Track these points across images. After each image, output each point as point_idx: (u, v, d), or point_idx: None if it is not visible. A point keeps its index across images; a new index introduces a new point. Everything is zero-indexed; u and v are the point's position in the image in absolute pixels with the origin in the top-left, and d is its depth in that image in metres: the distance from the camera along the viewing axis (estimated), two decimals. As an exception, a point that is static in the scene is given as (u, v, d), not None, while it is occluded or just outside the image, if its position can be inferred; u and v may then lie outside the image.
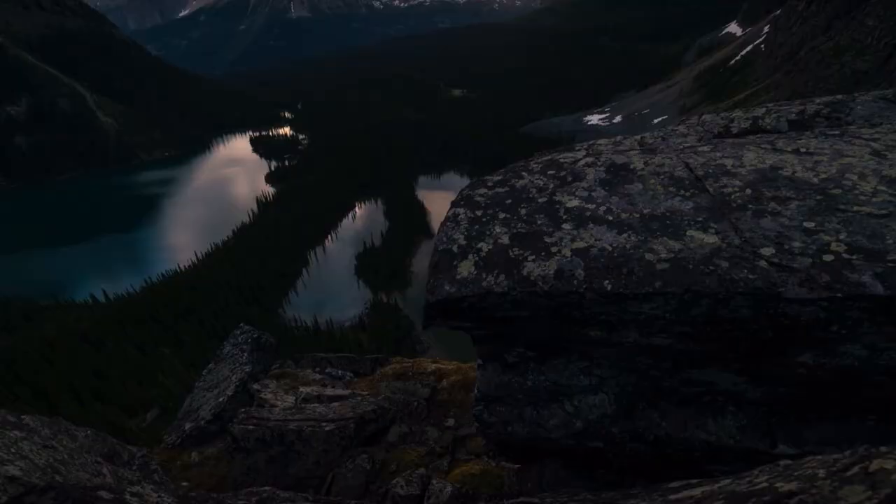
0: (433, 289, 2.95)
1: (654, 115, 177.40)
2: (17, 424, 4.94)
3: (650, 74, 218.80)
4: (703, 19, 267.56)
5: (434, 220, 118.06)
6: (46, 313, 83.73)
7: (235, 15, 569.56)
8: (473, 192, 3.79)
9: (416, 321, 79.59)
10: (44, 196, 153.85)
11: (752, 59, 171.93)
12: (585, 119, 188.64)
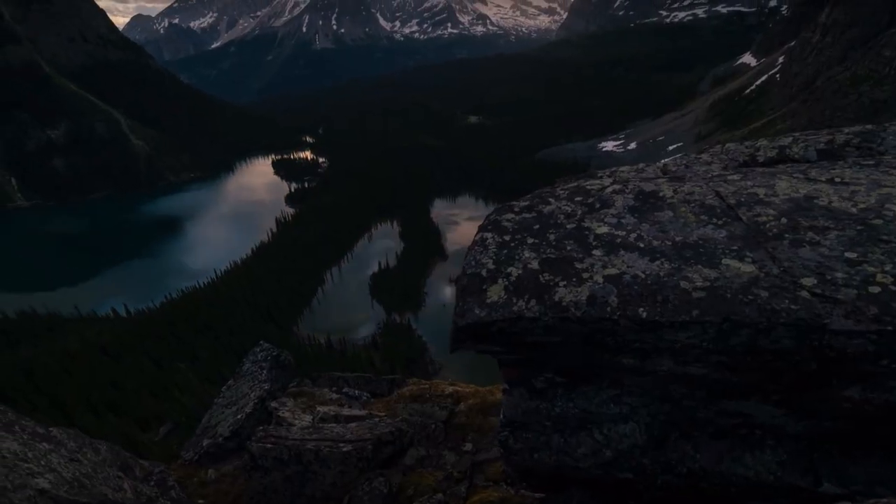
0: (463, 312, 2.92)
1: (670, 143, 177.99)
2: (46, 436, 4.94)
3: (664, 103, 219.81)
4: (717, 51, 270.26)
5: (448, 243, 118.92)
6: (69, 326, 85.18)
7: (263, 46, 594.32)
8: (500, 217, 3.79)
9: (430, 342, 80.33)
10: (76, 214, 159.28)
11: (767, 88, 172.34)
12: (600, 146, 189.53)
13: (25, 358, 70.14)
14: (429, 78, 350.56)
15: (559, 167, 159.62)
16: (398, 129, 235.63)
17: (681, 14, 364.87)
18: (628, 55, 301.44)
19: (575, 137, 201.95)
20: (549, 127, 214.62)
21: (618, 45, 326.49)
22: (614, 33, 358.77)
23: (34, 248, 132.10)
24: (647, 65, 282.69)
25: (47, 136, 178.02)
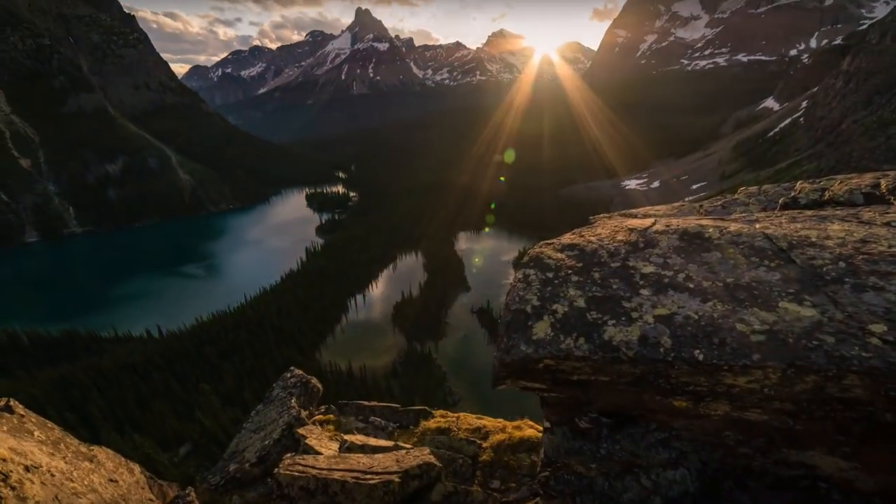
0: (508, 348, 2.86)
1: (693, 182, 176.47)
2: (88, 456, 5.00)
3: (687, 144, 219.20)
4: (738, 96, 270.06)
5: (471, 275, 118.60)
6: (105, 345, 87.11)
7: (305, 92, 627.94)
8: (542, 253, 3.76)
9: (449, 371, 79.61)
10: (122, 240, 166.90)
11: (791, 130, 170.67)
12: (623, 184, 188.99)
13: (62, 375, 71.46)
14: (457, 120, 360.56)
15: (582, 204, 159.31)
16: (425, 166, 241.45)
17: (702, 63, 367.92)
18: (651, 100, 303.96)
19: (597, 176, 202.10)
20: (572, 165, 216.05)
21: (641, 90, 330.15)
22: (638, 80, 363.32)
23: (81, 271, 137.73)
24: (670, 108, 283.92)
25: (105, 170, 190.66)
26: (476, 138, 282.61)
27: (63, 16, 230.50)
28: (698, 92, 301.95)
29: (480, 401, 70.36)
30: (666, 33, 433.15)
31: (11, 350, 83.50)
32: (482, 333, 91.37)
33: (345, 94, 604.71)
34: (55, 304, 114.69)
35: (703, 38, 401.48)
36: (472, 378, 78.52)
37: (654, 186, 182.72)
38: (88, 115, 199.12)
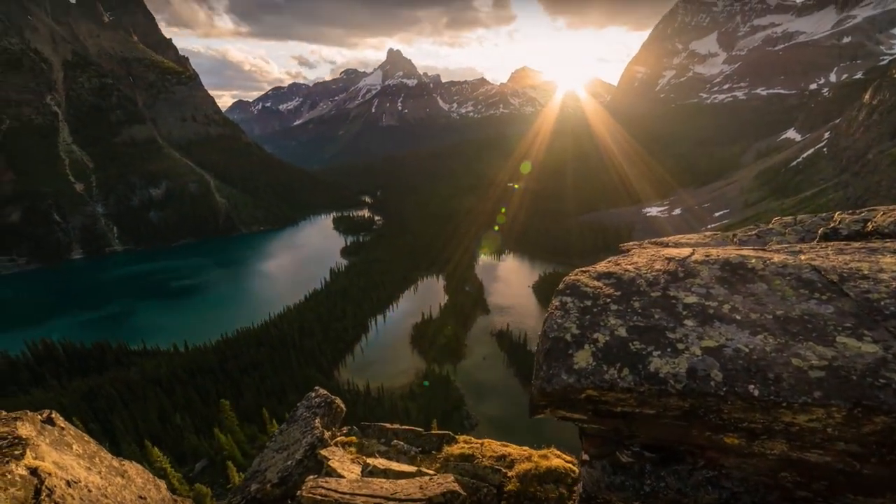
0: (549, 377, 2.74)
1: (715, 209, 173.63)
2: (120, 470, 4.98)
3: (708, 174, 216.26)
4: (758, 127, 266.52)
5: (491, 299, 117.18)
6: (134, 357, 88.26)
7: (337, 123, 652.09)
8: (578, 281, 3.67)
9: (467, 394, 77.67)
10: (158, 258, 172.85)
11: (814, 160, 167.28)
12: (644, 211, 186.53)
13: (91, 386, 72.41)
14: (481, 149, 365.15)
15: (605, 230, 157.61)
16: (449, 193, 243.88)
17: (721, 96, 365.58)
18: (671, 131, 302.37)
19: (619, 203, 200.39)
20: (593, 193, 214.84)
21: (661, 122, 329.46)
22: (658, 112, 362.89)
23: (118, 286, 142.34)
24: (690, 139, 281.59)
25: (149, 193, 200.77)
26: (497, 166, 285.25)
27: (126, 59, 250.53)
28: (717, 124, 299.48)
29: (499, 425, 69.36)
30: (684, 69, 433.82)
31: (48, 360, 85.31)
32: (501, 357, 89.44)
33: (374, 125, 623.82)
34: (91, 317, 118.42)
35: (721, 74, 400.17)
36: (491, 402, 76.57)
37: (676, 213, 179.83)
38: (139, 145, 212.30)
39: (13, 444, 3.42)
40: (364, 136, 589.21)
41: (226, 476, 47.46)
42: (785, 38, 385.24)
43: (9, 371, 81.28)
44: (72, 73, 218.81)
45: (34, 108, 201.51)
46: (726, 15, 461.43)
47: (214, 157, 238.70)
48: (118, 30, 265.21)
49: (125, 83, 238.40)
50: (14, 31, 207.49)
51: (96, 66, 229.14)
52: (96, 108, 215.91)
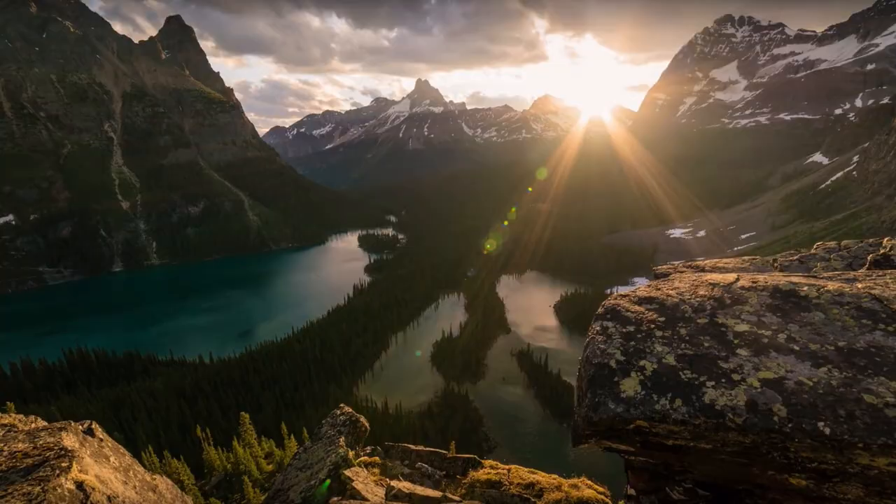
0: (595, 405, 2.57)
1: (741, 231, 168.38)
2: (151, 486, 4.93)
3: (732, 196, 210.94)
4: (782, 151, 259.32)
5: (512, 318, 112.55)
6: (161, 367, 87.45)
7: (366, 147, 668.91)
8: (618, 305, 3.52)
9: (486, 415, 74.02)
10: (192, 272, 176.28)
11: (844, 184, 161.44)
12: (668, 232, 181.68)
13: (118, 395, 71.88)
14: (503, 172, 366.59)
15: (629, 251, 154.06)
16: (471, 213, 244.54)
17: (743, 121, 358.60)
18: (693, 154, 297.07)
19: (642, 224, 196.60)
20: (616, 214, 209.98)
21: (683, 146, 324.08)
22: (680, 136, 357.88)
23: (152, 298, 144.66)
24: (713, 162, 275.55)
25: (188, 211, 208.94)
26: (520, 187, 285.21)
27: (177, 90, 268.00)
28: (741, 147, 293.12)
29: (518, 449, 66.02)
30: (705, 96, 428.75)
31: (81, 368, 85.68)
32: (522, 377, 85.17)
33: (401, 149, 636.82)
34: (125, 326, 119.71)
35: (742, 100, 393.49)
36: (510, 424, 72.64)
37: (701, 235, 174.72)
38: (182, 166, 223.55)
39: (60, 455, 3.37)
40: (391, 159, 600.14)
41: (241, 491, 45.76)
42: (806, 66, 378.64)
43: (44, 378, 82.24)
44: (129, 103, 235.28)
45: (93, 134, 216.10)
46: (745, 45, 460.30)
47: (250, 177, 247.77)
48: (173, 65, 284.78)
49: (175, 111, 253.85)
50: (84, 68, 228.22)
51: (151, 96, 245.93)
52: (147, 133, 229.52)
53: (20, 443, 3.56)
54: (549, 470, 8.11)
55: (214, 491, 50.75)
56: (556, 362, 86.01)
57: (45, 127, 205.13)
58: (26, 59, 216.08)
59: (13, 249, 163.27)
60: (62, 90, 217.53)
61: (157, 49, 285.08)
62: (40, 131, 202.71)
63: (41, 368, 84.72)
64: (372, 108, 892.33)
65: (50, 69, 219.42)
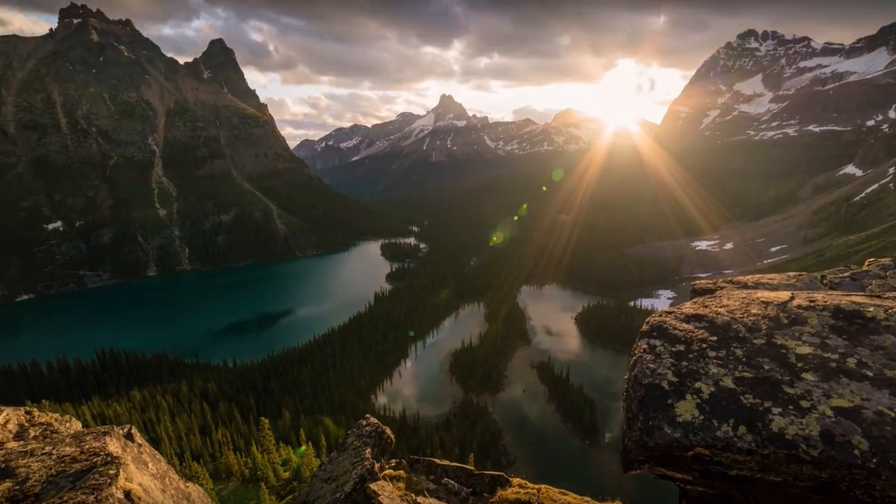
0: (650, 429, 2.38)
1: (771, 244, 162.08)
2: (185, 494, 4.89)
3: (760, 208, 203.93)
4: (812, 163, 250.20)
5: (532, 329, 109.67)
6: (186, 370, 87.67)
7: (390, 159, 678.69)
8: (665, 322, 3.35)
9: (505, 428, 71.68)
10: (220, 277, 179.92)
11: (880, 196, 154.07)
12: (693, 244, 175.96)
13: (144, 396, 72.08)
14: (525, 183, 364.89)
15: (651, 262, 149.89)
16: (493, 223, 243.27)
17: (770, 133, 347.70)
18: (718, 166, 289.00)
19: (666, 236, 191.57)
20: (639, 225, 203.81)
21: (708, 158, 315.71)
22: (704, 148, 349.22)
23: (183, 302, 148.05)
24: (739, 174, 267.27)
25: (220, 219, 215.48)
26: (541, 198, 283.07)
27: (216, 106, 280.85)
28: (767, 159, 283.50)
29: (540, 464, 63.40)
30: (729, 108, 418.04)
31: (112, 368, 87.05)
32: (542, 390, 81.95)
33: (424, 161, 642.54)
34: (155, 329, 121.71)
35: (768, 112, 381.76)
36: (530, 438, 69.75)
37: (728, 248, 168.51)
38: (216, 177, 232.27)
39: (107, 462, 3.33)
40: (414, 170, 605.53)
41: (257, 497, 45.45)
42: (835, 78, 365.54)
43: (77, 376, 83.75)
44: (172, 118, 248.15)
45: (138, 147, 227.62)
46: (770, 59, 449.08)
47: (279, 187, 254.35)
48: (213, 83, 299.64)
49: (212, 126, 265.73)
50: (133, 88, 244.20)
51: (192, 112, 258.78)
52: (186, 146, 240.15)
53: (67, 446, 3.55)
54: (574, 489, 7.79)
55: (231, 496, 50.18)
56: (577, 375, 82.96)
57: (95, 141, 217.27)
58: (84, 80, 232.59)
59: (59, 254, 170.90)
60: (113, 107, 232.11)
61: (200, 69, 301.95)
62: (91, 145, 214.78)
63: (75, 367, 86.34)
64: (398, 122, 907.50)
65: (103, 88, 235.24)
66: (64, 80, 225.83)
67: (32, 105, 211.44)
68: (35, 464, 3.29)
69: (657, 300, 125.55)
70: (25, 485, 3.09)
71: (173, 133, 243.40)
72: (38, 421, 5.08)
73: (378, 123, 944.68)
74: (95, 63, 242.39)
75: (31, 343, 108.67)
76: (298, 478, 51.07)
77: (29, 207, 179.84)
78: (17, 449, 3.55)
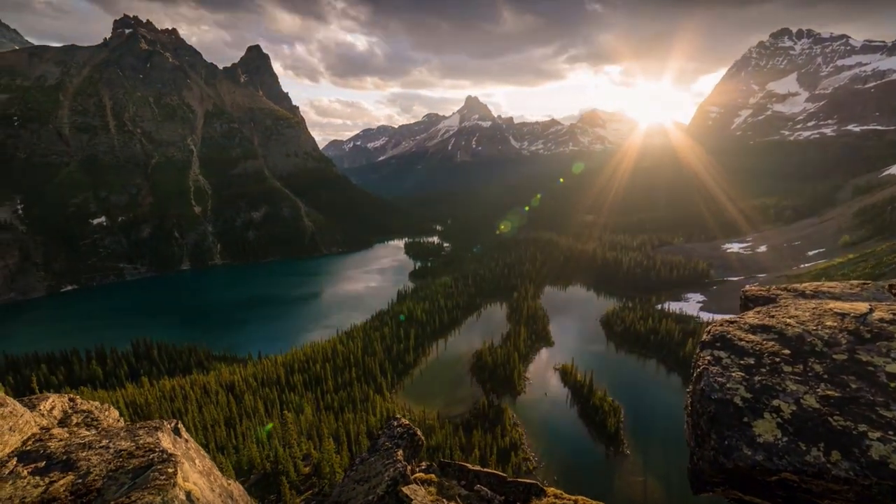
0: (726, 450, 2.20)
1: (808, 248, 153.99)
2: (228, 491, 4.81)
3: (796, 210, 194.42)
4: (851, 163, 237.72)
5: (555, 330, 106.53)
6: (214, 363, 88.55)
7: (416, 159, 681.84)
8: (728, 333, 3.12)
9: (527, 432, 68.89)
10: (249, 272, 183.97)
11: None
12: (724, 246, 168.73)
13: (173, 386, 73.00)
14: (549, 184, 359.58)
15: (681, 264, 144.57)
16: (516, 223, 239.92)
17: (805, 133, 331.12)
18: (751, 167, 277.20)
19: (695, 237, 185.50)
20: (665, 226, 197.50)
21: (740, 158, 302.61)
22: (735, 148, 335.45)
23: (214, 295, 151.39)
24: (773, 175, 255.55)
25: (251, 216, 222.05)
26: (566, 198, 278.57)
27: (251, 108, 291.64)
28: (803, 160, 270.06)
29: (563, 471, 60.76)
30: (762, 108, 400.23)
31: (146, 358, 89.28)
32: (565, 394, 78.91)
33: (450, 161, 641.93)
34: (187, 320, 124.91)
35: (804, 111, 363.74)
36: (553, 444, 66.75)
37: (762, 251, 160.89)
38: (249, 176, 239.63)
39: (164, 459, 3.30)
40: (440, 170, 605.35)
41: (278, 492, 46.13)
42: (876, 76, 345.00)
43: (113, 365, 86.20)
44: (209, 120, 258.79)
45: (178, 147, 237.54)
46: (805, 57, 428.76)
47: (308, 186, 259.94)
48: (249, 87, 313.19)
49: (247, 127, 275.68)
50: (175, 92, 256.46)
51: (228, 114, 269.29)
52: (222, 147, 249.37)
53: (122, 440, 3.59)
54: (602, 499, 7.46)
55: (253, 489, 50.87)
56: (602, 380, 79.91)
57: (139, 141, 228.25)
58: (132, 84, 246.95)
59: (101, 247, 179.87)
60: (156, 110, 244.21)
61: (238, 74, 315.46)
62: (135, 145, 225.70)
63: (112, 356, 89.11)
64: (424, 122, 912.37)
65: (149, 92, 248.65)
66: (114, 86, 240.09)
67: (85, 109, 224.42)
68: (94, 457, 3.32)
69: (686, 303, 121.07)
70: (87, 478, 3.11)
71: (210, 134, 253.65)
72: (80, 408, 5.16)
73: (405, 124, 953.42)
74: (143, 69, 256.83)
75: (72, 332, 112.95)
76: (318, 473, 51.66)
77: (77, 204, 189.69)
78: (76, 441, 3.58)
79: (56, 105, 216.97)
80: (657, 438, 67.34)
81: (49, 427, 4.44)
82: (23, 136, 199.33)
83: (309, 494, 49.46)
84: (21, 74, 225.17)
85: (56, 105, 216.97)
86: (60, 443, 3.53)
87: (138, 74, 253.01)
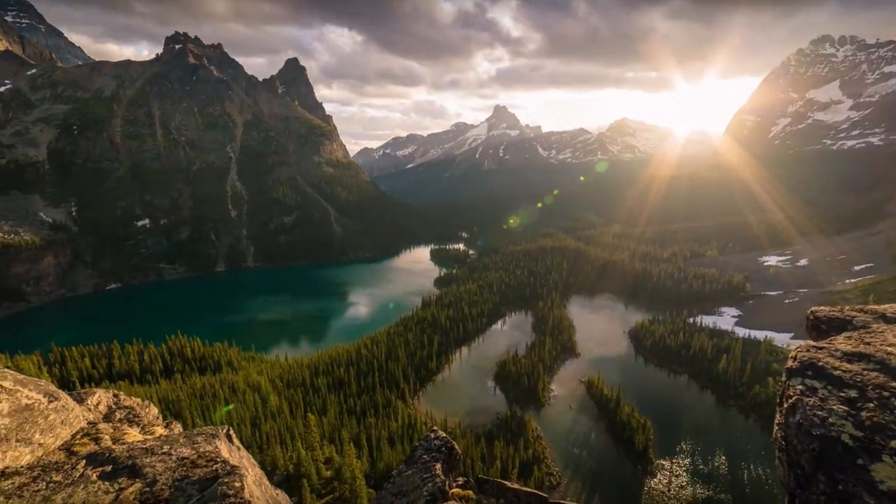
0: (844, 497, 1.98)
1: (854, 263, 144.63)
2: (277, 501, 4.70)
3: (840, 222, 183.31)
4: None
5: (581, 341, 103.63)
6: (243, 362, 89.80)
7: (443, 167, 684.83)
8: (819, 360, 2.83)
9: (551, 446, 66.93)
10: (279, 275, 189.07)
11: None
12: (761, 259, 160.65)
13: (203, 384, 74.22)
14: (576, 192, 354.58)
15: (714, 276, 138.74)
16: (543, 231, 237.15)
17: (850, 142, 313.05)
18: (790, 177, 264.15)
19: (729, 249, 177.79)
20: (697, 237, 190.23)
21: (778, 168, 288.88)
22: (773, 158, 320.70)
23: (247, 296, 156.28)
24: (814, 186, 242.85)
25: (283, 221, 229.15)
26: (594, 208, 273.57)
27: (287, 118, 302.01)
28: (848, 171, 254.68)
29: (588, 488, 58.56)
30: (802, 116, 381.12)
31: (178, 356, 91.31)
32: (590, 408, 76.28)
33: (477, 169, 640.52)
34: (220, 320, 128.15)
35: (847, 120, 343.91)
36: (578, 459, 64.52)
37: (802, 264, 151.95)
38: (283, 182, 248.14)
39: (228, 472, 3.25)
40: (467, 178, 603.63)
41: (299, 494, 45.76)
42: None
43: (149, 362, 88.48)
44: (248, 129, 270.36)
45: (218, 154, 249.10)
46: (849, 64, 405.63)
47: (338, 192, 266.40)
48: (285, 97, 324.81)
49: (283, 135, 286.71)
50: (217, 103, 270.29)
51: (266, 123, 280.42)
52: (259, 154, 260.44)
53: (182, 447, 3.60)
54: None
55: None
56: (630, 394, 76.97)
57: (183, 149, 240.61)
58: (179, 96, 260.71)
59: (143, 248, 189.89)
60: (200, 119, 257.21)
61: (276, 85, 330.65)
62: (179, 152, 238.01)
63: (148, 352, 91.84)
64: (452, 131, 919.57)
65: (194, 103, 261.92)
66: (163, 97, 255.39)
67: (136, 118, 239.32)
68: (159, 464, 3.26)
69: (720, 318, 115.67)
70: (154, 487, 3.04)
71: (248, 142, 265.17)
72: (124, 404, 5.24)
73: (433, 133, 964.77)
74: (189, 81, 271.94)
75: (113, 328, 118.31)
76: (339, 478, 50.97)
77: (124, 206, 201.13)
78: (139, 445, 3.58)
79: (110, 115, 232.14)
80: (687, 460, 64.11)
81: (95, 422, 4.50)
82: (80, 143, 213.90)
83: (329, 499, 49.44)
84: (82, 87, 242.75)
85: (110, 115, 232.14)
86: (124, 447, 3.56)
87: (185, 87, 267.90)
